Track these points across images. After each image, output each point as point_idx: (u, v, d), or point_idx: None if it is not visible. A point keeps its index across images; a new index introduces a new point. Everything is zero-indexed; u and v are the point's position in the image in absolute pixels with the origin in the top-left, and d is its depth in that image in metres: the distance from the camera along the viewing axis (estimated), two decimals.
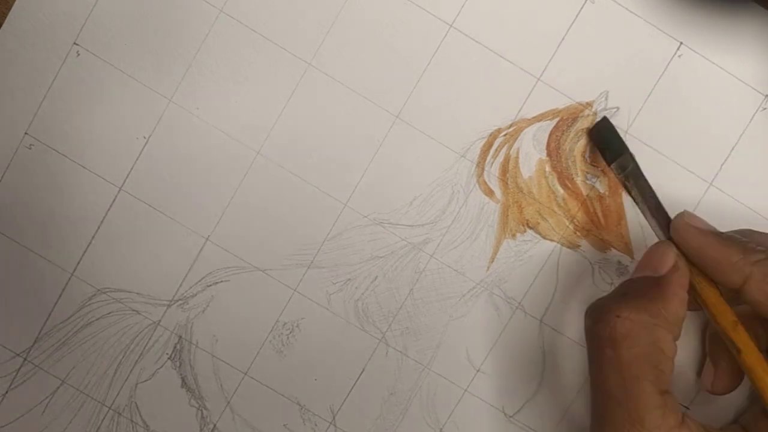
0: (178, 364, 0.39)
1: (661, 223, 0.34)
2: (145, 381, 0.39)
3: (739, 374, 0.34)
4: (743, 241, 0.31)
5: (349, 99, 0.37)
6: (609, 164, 0.36)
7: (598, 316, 0.31)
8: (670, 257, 0.32)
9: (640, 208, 0.35)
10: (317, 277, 0.38)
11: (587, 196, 0.38)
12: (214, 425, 0.39)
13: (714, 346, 0.36)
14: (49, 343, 0.38)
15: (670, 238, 0.34)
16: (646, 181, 0.35)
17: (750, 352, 0.30)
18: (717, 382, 0.34)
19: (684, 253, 0.32)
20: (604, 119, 0.37)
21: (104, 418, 0.39)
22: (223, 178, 0.38)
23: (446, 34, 0.37)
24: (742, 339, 0.30)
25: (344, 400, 0.39)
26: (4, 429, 0.39)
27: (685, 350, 0.38)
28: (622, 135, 0.36)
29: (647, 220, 0.35)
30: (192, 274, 0.38)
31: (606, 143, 0.36)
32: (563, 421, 0.39)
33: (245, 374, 0.39)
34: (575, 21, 0.37)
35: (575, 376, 0.39)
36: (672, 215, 0.35)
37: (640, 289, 0.31)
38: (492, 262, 0.38)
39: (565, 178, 0.38)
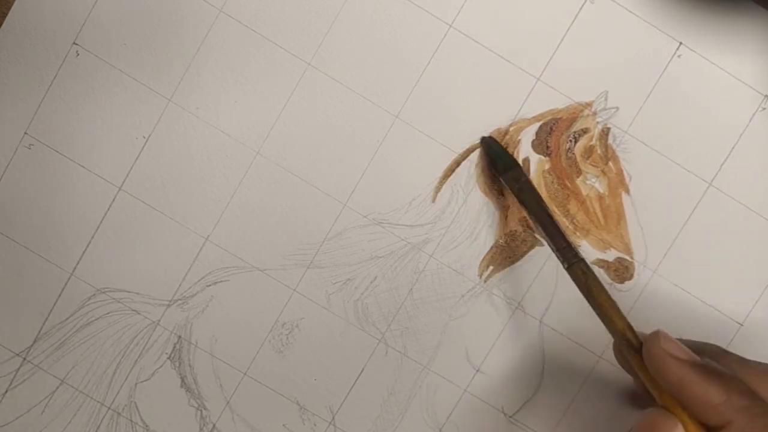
0: (177, 363, 0.39)
1: (563, 249, 0.33)
2: (145, 381, 0.39)
3: None
4: (725, 375, 0.28)
5: (349, 99, 0.37)
6: (500, 175, 0.36)
7: None
8: None
9: (534, 224, 0.34)
10: (317, 277, 0.38)
11: (587, 196, 0.38)
12: (214, 425, 0.39)
13: None
14: (49, 343, 0.38)
15: (568, 264, 0.33)
16: (539, 197, 0.34)
17: None
18: None
19: (657, 380, 0.30)
20: (489, 138, 0.37)
21: (104, 418, 0.39)
22: (223, 178, 0.38)
23: (446, 34, 0.37)
24: None
25: (344, 400, 0.39)
26: (4, 429, 0.39)
27: None
28: (611, 136, 0.37)
29: (542, 239, 0.34)
30: (191, 273, 0.38)
31: (497, 156, 0.37)
32: (563, 421, 0.39)
33: (245, 374, 0.39)
34: (575, 21, 0.37)
35: (575, 376, 0.39)
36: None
37: None
38: (492, 261, 0.38)
39: (564, 178, 0.38)
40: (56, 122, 0.37)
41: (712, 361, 0.30)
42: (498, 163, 0.37)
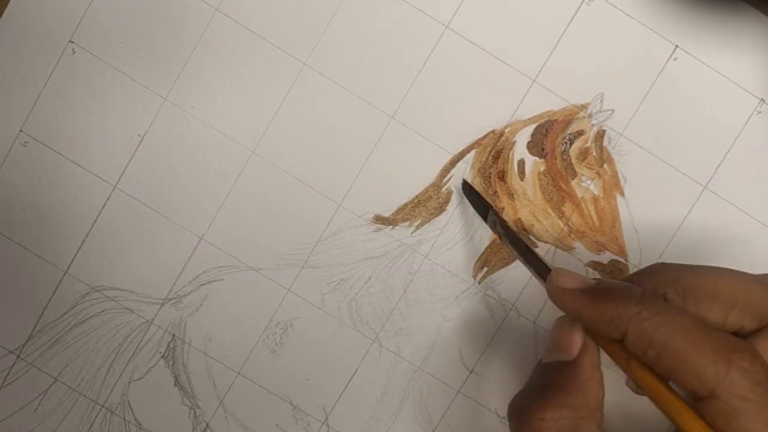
0: (171, 362, 0.39)
1: (544, 275, 0.33)
2: (138, 379, 0.39)
3: None
4: (619, 289, 0.29)
5: (345, 99, 0.37)
6: (485, 221, 0.37)
7: (521, 420, 0.29)
8: (578, 338, 0.30)
9: (519, 260, 0.34)
10: (311, 277, 0.38)
11: (582, 198, 0.38)
12: (207, 424, 0.39)
13: None
14: (42, 341, 0.38)
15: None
16: (516, 234, 0.35)
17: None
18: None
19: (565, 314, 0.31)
20: (463, 182, 0.37)
21: (97, 416, 0.39)
22: (218, 177, 0.38)
23: (442, 35, 0.37)
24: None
25: (337, 400, 0.39)
26: None
27: None
28: (607, 138, 0.37)
29: (531, 273, 0.34)
30: (186, 272, 0.38)
31: (473, 203, 0.37)
32: None
33: (238, 373, 0.39)
34: (571, 23, 0.37)
35: None
36: (663, 221, 0.34)
37: (555, 381, 0.30)
38: (486, 263, 0.38)
39: (559, 180, 0.38)
40: (52, 120, 0.37)
41: (614, 279, 0.31)
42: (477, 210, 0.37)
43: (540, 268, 0.33)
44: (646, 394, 0.29)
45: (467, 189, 0.37)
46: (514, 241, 0.34)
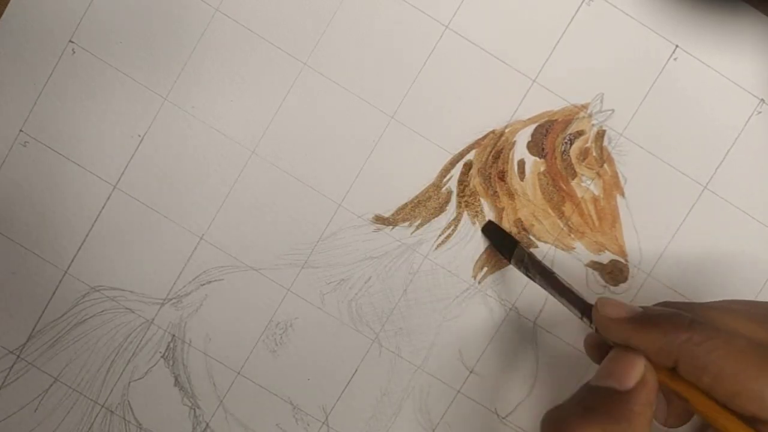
0: (171, 362, 0.39)
1: (580, 308, 0.32)
2: (138, 379, 0.39)
3: (690, 411, 0.33)
4: (668, 316, 0.29)
5: (345, 99, 0.37)
6: (509, 262, 0.37)
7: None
8: (638, 371, 0.28)
9: (552, 295, 0.34)
10: (311, 277, 0.38)
11: (582, 198, 0.38)
12: (207, 424, 0.39)
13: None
14: (43, 341, 0.38)
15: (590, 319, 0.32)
16: (547, 269, 0.34)
17: None
18: (670, 419, 0.33)
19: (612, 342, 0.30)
20: (488, 222, 0.38)
21: (97, 416, 0.39)
22: (218, 177, 0.38)
23: (442, 35, 0.37)
24: None
25: (337, 400, 0.39)
26: None
27: None
28: (607, 138, 0.37)
29: (566, 307, 0.33)
30: (186, 272, 0.38)
31: (498, 243, 0.37)
32: None
33: (238, 373, 0.39)
34: (571, 23, 0.37)
35: (568, 378, 0.39)
36: (664, 219, 0.34)
37: (603, 406, 0.28)
38: (486, 263, 0.38)
39: (559, 180, 0.38)
40: (52, 120, 0.37)
41: (659, 307, 0.30)
42: (502, 251, 0.37)
43: (577, 302, 0.32)
44: (707, 422, 0.28)
45: (491, 229, 0.37)
46: (548, 278, 0.34)
